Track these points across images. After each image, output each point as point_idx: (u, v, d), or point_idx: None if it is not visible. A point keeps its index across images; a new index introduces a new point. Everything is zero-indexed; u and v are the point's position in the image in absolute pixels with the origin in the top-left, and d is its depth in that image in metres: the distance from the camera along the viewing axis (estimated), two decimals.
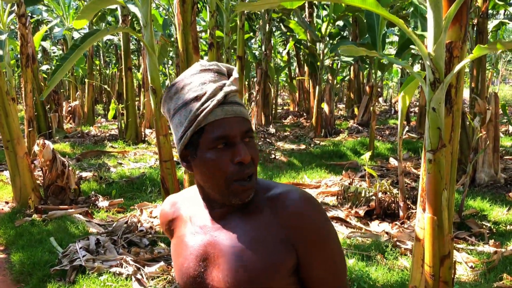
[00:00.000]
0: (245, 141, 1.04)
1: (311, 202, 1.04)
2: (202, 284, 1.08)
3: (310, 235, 1.02)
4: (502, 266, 3.80)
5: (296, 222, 1.01)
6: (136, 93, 17.80)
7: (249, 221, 1.05)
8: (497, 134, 6.51)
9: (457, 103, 2.47)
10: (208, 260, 1.08)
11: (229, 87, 1.05)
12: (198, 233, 1.11)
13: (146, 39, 4.21)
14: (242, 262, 1.02)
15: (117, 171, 7.46)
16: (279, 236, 1.02)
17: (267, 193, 1.07)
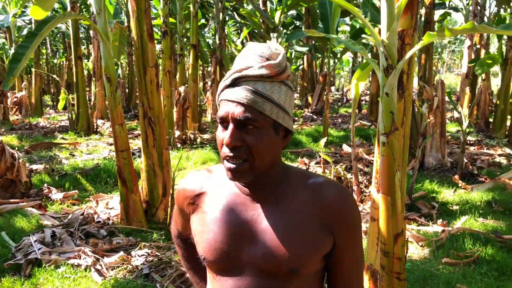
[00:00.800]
0: (244, 127, 1.04)
1: (351, 197, 1.13)
2: (236, 259, 1.10)
3: (348, 224, 1.10)
4: (449, 243, 4.03)
5: (337, 210, 1.08)
6: (87, 83, 17.29)
7: (288, 204, 1.10)
8: (444, 120, 6.82)
9: (409, 88, 2.59)
10: (244, 237, 1.09)
11: (242, 72, 1.04)
12: (233, 209, 1.12)
13: (100, 26, 4.11)
14: (284, 241, 1.06)
15: (70, 163, 7.25)
16: (320, 221, 1.08)
17: (307, 181, 1.12)
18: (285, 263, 1.05)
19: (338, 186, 1.13)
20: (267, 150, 1.05)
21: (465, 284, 3.27)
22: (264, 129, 1.04)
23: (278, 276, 1.07)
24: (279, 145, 1.09)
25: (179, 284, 3.36)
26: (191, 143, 9.33)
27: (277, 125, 1.06)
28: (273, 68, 1.03)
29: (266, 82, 1.05)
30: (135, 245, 4.01)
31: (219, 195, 1.17)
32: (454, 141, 9.27)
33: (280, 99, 1.05)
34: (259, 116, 1.03)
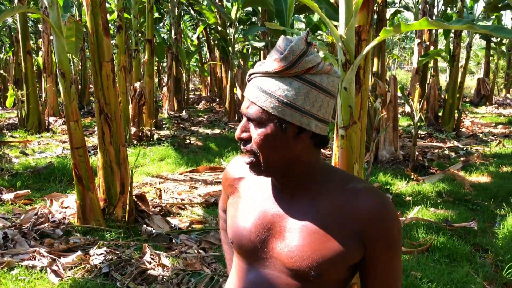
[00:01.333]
0: (252, 122, 1.05)
1: (390, 207, 1.05)
2: (261, 250, 1.10)
3: (382, 239, 1.03)
4: (403, 233, 4.19)
5: (372, 221, 1.02)
6: (36, 79, 16.65)
7: (322, 205, 1.06)
8: (396, 114, 7.06)
9: (365, 83, 2.67)
10: (273, 230, 1.09)
11: (254, 68, 1.06)
12: (268, 201, 1.12)
13: (53, 20, 3.97)
14: (311, 243, 1.03)
15: (21, 161, 6.98)
16: (352, 229, 1.03)
17: (347, 184, 1.08)
18: (307, 266, 1.03)
19: (378, 195, 1.05)
20: (271, 148, 1.03)
21: (419, 271, 3.41)
22: (267, 127, 1.02)
23: (300, 276, 1.05)
24: (290, 144, 1.03)
25: (140, 282, 3.32)
26: (147, 139, 9.19)
27: (283, 123, 1.01)
28: (278, 63, 1.00)
29: (274, 77, 1.02)
30: (93, 244, 3.92)
31: (256, 183, 1.18)
32: (405, 134, 9.61)
33: (289, 95, 1.00)
34: (261, 113, 1.02)
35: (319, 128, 1.04)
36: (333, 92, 1.06)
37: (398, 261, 1.09)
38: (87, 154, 4.39)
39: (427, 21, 1.78)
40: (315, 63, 1.01)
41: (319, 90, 1.02)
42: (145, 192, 5.31)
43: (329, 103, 1.05)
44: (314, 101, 1.02)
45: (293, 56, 0.99)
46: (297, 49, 1.00)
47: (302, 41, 1.02)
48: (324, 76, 1.03)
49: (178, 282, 3.29)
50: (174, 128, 10.56)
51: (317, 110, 1.03)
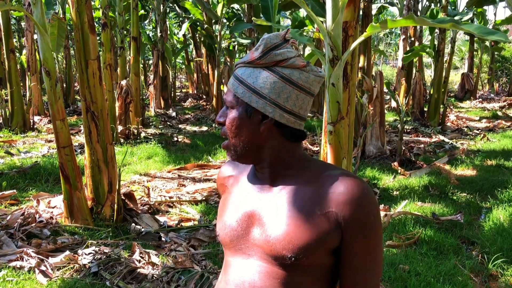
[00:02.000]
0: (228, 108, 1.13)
1: (368, 192, 1.05)
2: (243, 241, 1.13)
3: (358, 221, 1.03)
4: (391, 227, 4.23)
5: (350, 207, 1.03)
6: (20, 78, 16.41)
7: (301, 191, 1.09)
8: (383, 109, 7.12)
9: (352, 78, 2.69)
10: (254, 218, 1.12)
11: (240, 59, 1.14)
12: (250, 193, 1.17)
13: (37, 17, 3.92)
14: (288, 226, 1.05)
15: (6, 161, 6.89)
16: (329, 214, 1.04)
17: (325, 171, 1.10)
18: (284, 249, 1.04)
19: (354, 180, 1.06)
20: (237, 131, 1.10)
21: (408, 264, 3.45)
22: (236, 111, 1.10)
23: (281, 263, 1.06)
24: (255, 129, 1.09)
25: (130, 281, 3.31)
26: (134, 138, 9.14)
27: (249, 109, 1.09)
28: (252, 54, 1.09)
29: (248, 67, 1.10)
30: (82, 243, 3.89)
31: (243, 179, 1.23)
32: (392, 129, 9.69)
33: (256, 83, 1.08)
34: (233, 98, 1.11)
35: (284, 118, 1.08)
36: (305, 87, 1.10)
37: (374, 249, 1.08)
38: (73, 153, 4.35)
39: (413, 18, 1.80)
40: (285, 57, 1.07)
41: (286, 82, 1.08)
42: (133, 191, 5.29)
43: (298, 97, 1.09)
44: (280, 92, 1.08)
45: (263, 48, 1.08)
46: (269, 42, 1.08)
47: (277, 36, 1.10)
48: (295, 71, 1.09)
49: (168, 280, 3.28)
50: (161, 126, 10.50)
51: (284, 101, 1.08)
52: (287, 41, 1.10)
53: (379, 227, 1.08)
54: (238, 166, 1.29)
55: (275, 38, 1.09)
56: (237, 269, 1.13)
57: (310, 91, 1.10)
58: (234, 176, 1.27)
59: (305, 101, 1.10)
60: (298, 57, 1.09)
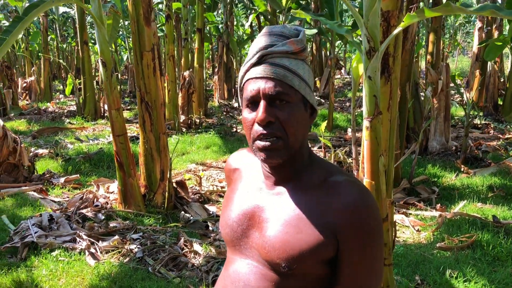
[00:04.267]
0: (275, 103, 1.03)
1: (368, 202, 1.02)
2: (242, 241, 1.12)
3: (356, 234, 1.01)
4: (445, 228, 4.00)
5: (347, 215, 1.00)
6: (96, 67, 17.34)
7: (302, 197, 1.06)
8: (448, 103, 6.72)
9: (395, 71, 2.54)
10: (253, 220, 1.11)
11: (268, 49, 1.04)
12: (251, 192, 1.14)
13: (94, 10, 4.09)
14: (283, 235, 1.03)
15: (74, 147, 7.33)
16: (327, 222, 1.01)
17: (329, 177, 1.07)
18: (278, 257, 1.03)
19: (358, 189, 1.03)
20: (299, 126, 1.03)
21: (457, 269, 3.24)
22: (295, 104, 1.03)
23: (274, 268, 1.05)
24: (307, 123, 1.07)
25: (171, 268, 3.39)
26: (196, 127, 9.34)
27: (305, 101, 1.05)
28: (296, 45, 1.04)
29: (291, 58, 1.05)
30: (132, 229, 4.05)
31: (248, 175, 1.20)
32: (461, 125, 9.14)
33: (305, 75, 1.05)
34: (290, 90, 1.02)
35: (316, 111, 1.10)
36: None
37: (372, 260, 1.04)
38: (128, 141, 4.51)
39: (450, 6, 1.65)
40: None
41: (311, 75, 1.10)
42: (186, 179, 5.41)
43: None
44: (311, 84, 1.09)
45: (305, 40, 1.08)
46: (304, 36, 1.08)
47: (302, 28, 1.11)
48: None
49: (207, 269, 3.32)
50: (222, 117, 10.66)
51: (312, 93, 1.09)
52: None
53: (379, 238, 1.04)
54: (243, 158, 1.26)
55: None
56: (235, 267, 1.13)
57: None
58: (239, 170, 1.25)
59: None
60: None
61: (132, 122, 9.77)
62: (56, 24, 17.24)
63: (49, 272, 3.26)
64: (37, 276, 3.23)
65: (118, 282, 3.13)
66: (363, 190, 1.04)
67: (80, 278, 3.21)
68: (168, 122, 8.86)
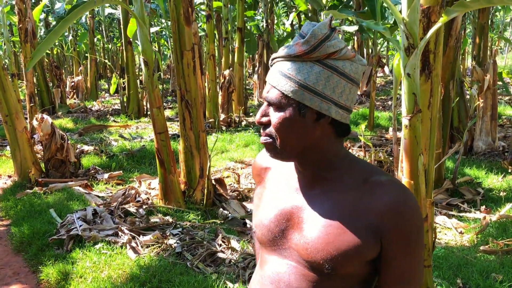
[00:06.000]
0: (272, 107, 1.05)
1: (411, 203, 1.01)
2: (279, 241, 1.11)
3: (400, 234, 1.00)
4: (490, 231, 3.86)
5: (390, 216, 0.99)
6: (139, 67, 17.78)
7: (343, 197, 1.05)
8: (495, 102, 6.47)
9: (436, 68, 2.47)
10: (292, 221, 1.09)
11: (276, 53, 1.06)
12: (289, 192, 1.13)
13: (136, 10, 4.21)
14: (326, 236, 1.02)
15: (118, 144, 7.55)
16: (369, 223, 1.01)
17: (370, 177, 1.05)
18: (322, 259, 1.02)
19: (399, 189, 1.02)
20: (289, 131, 1.03)
21: (502, 274, 3.12)
22: (286, 111, 1.02)
23: (316, 269, 1.05)
24: (308, 129, 1.03)
25: (209, 263, 3.45)
26: (235, 126, 9.42)
27: (302, 107, 1.01)
28: (299, 47, 1.01)
29: (296, 62, 1.02)
30: (171, 224, 4.14)
31: (281, 173, 1.18)
32: (510, 124, 8.77)
33: (309, 79, 1.00)
34: (281, 97, 1.02)
35: (339, 115, 1.03)
36: (356, 79, 1.05)
37: (415, 262, 1.05)
38: (168, 139, 4.61)
39: None
40: (337, 48, 1.01)
41: (341, 76, 1.02)
42: (225, 177, 5.47)
43: (351, 90, 1.04)
44: (335, 87, 1.01)
45: (315, 40, 1.00)
46: (319, 33, 1.00)
47: (325, 26, 1.02)
48: (347, 62, 1.03)
49: (244, 266, 3.35)
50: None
51: (338, 96, 1.02)
52: (334, 30, 1.02)
53: (421, 239, 1.04)
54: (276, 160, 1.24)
55: (323, 28, 1.01)
56: (273, 268, 1.12)
57: (358, 82, 1.05)
58: (271, 168, 1.23)
59: (355, 94, 1.06)
60: (347, 47, 1.03)
61: (174, 120, 9.97)
62: (103, 25, 17.79)
63: (93, 264, 3.39)
64: (81, 267, 3.36)
65: (158, 276, 3.21)
66: (405, 190, 1.03)
67: (121, 270, 3.31)
68: (208, 120, 8.98)
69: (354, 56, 1.03)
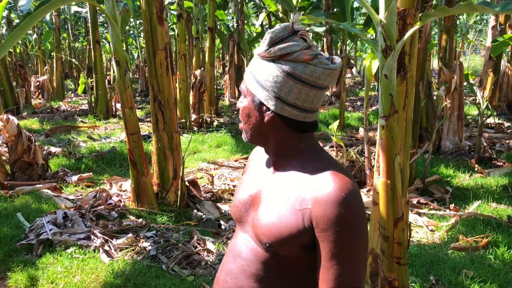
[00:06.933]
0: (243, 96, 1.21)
1: (348, 198, 1.03)
2: (244, 218, 1.24)
3: (329, 226, 1.03)
4: (459, 228, 3.97)
5: (322, 204, 1.04)
6: (108, 67, 17.46)
7: (292, 184, 1.13)
8: (462, 102, 6.66)
9: (411, 70, 2.52)
10: (254, 201, 1.22)
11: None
12: (259, 176, 1.26)
13: (108, 10, 4.12)
14: (269, 216, 1.13)
15: (87, 146, 7.38)
16: (305, 211, 1.06)
17: (319, 168, 1.11)
18: (262, 234, 1.13)
19: (339, 179, 1.06)
20: (246, 118, 1.18)
21: (472, 269, 3.22)
22: (246, 100, 1.18)
23: (261, 245, 1.15)
24: (260, 119, 1.15)
25: (185, 266, 3.41)
26: (207, 126, 9.36)
27: (256, 99, 1.15)
28: (260, 48, 1.13)
29: (258, 59, 1.15)
30: (145, 227, 4.07)
31: (260, 163, 1.31)
32: (475, 124, 9.05)
33: (261, 76, 1.12)
34: (246, 88, 1.17)
35: (286, 111, 1.12)
36: (309, 81, 1.10)
37: (349, 257, 1.04)
38: (141, 140, 4.54)
39: (471, 4, 1.64)
40: (289, 51, 1.08)
41: (288, 77, 1.09)
42: (198, 178, 5.42)
43: (301, 91, 1.10)
44: (282, 86, 1.10)
45: (269, 41, 1.10)
46: (274, 36, 1.10)
47: (283, 29, 1.11)
48: (299, 65, 1.09)
49: None
50: (233, 116, 10.67)
51: (286, 95, 1.10)
52: (296, 33, 1.09)
53: (357, 236, 1.05)
54: (258, 149, 1.38)
55: (282, 31, 1.10)
56: (235, 239, 1.26)
57: (316, 84, 1.10)
58: (254, 159, 1.37)
59: (309, 95, 1.11)
60: (306, 49, 1.08)
61: (144, 121, 9.83)
62: (69, 23, 17.36)
63: (64, 269, 3.29)
64: (52, 273, 3.26)
65: (133, 280, 3.15)
66: (345, 184, 1.05)
67: (95, 275, 3.23)
68: (179, 121, 8.89)
69: (310, 60, 1.08)
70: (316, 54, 1.09)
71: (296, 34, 1.09)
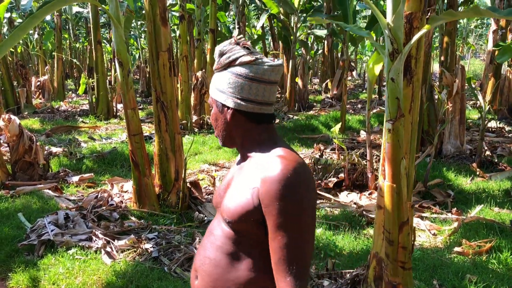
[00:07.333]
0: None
1: (291, 179, 1.18)
2: (218, 202, 1.42)
3: (272, 203, 1.18)
4: (462, 232, 3.96)
5: (265, 182, 1.19)
6: (108, 67, 17.45)
7: (249, 169, 1.31)
8: (463, 106, 6.66)
9: (417, 73, 2.51)
10: (226, 188, 1.41)
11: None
12: (234, 168, 1.44)
13: (111, 10, 4.11)
14: (230, 197, 1.32)
15: (88, 146, 7.37)
16: (254, 189, 1.23)
17: (269, 155, 1.28)
18: (223, 211, 1.32)
19: (285, 165, 1.19)
20: (215, 123, 1.37)
21: (476, 274, 3.21)
22: (214, 108, 1.36)
23: (226, 223, 1.32)
24: (226, 119, 1.33)
25: (187, 268, 3.39)
26: (208, 128, 9.35)
27: (219, 104, 1.34)
28: (214, 64, 1.35)
29: (217, 72, 1.35)
30: (147, 228, 4.06)
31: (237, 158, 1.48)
32: (476, 128, 9.05)
33: (219, 83, 1.32)
34: (211, 98, 1.37)
35: (243, 106, 1.30)
36: (256, 77, 1.29)
37: (295, 236, 1.17)
38: (143, 141, 4.52)
39: (477, 9, 1.64)
40: (234, 58, 1.29)
41: (238, 77, 1.29)
42: (200, 179, 5.41)
43: (251, 86, 1.29)
44: (235, 86, 1.30)
45: (217, 56, 1.34)
46: (219, 51, 1.33)
47: (228, 43, 1.33)
48: (245, 66, 1.29)
49: None
50: None
51: (239, 92, 1.29)
52: (238, 44, 1.31)
53: (297, 203, 1.18)
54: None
55: (225, 46, 1.32)
56: (213, 221, 1.44)
57: (263, 79, 1.29)
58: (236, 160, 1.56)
59: (259, 89, 1.29)
60: (247, 55, 1.28)
61: (145, 122, 9.81)
62: (70, 23, 17.36)
63: (66, 270, 3.28)
64: (54, 274, 3.24)
65: (135, 281, 3.13)
66: (289, 165, 1.20)
67: (96, 276, 3.22)
68: (180, 122, 8.87)
69: (253, 61, 1.28)
70: (257, 57, 1.28)
71: (239, 44, 1.30)
